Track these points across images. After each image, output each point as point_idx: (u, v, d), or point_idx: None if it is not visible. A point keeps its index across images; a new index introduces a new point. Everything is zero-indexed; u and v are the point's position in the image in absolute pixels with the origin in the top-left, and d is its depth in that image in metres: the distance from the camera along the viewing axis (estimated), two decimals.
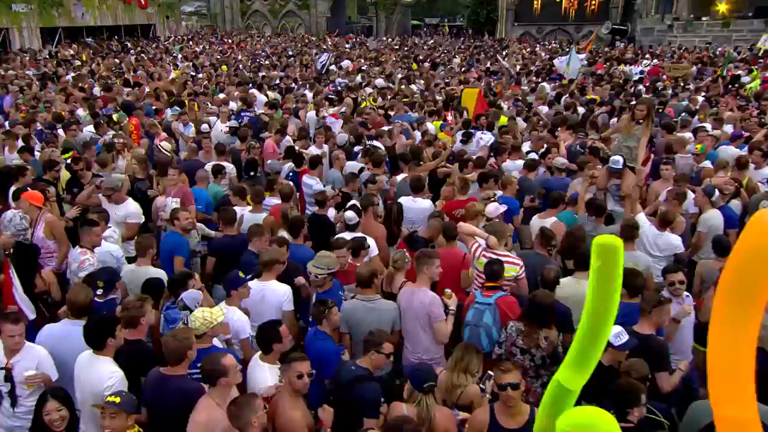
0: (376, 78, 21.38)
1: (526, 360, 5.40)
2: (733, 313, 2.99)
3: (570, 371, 3.76)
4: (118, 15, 36.20)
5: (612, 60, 29.52)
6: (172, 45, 33.27)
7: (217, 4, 50.03)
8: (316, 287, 5.71)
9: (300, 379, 4.26)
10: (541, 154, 10.95)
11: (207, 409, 4.06)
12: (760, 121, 13.55)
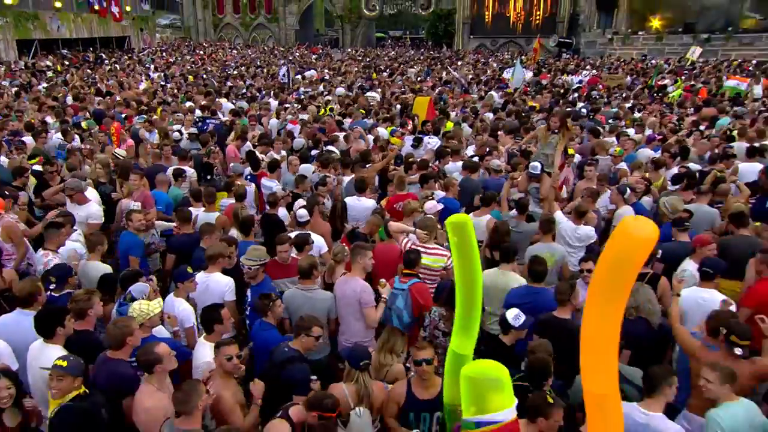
0: (337, 87, 21.35)
1: (447, 341, 5.56)
2: (601, 303, 3.28)
3: (459, 339, 4.06)
4: (93, 27, 35.67)
5: (556, 70, 29.85)
6: (146, 56, 32.84)
7: (191, 17, 49.53)
8: (250, 279, 5.78)
9: (229, 361, 4.36)
10: (480, 156, 11.22)
11: (150, 395, 4.15)
12: (676, 126, 13.97)
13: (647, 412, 4.30)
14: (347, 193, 9.11)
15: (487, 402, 2.74)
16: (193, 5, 49.10)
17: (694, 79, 24.45)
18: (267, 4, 49.23)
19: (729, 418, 4.21)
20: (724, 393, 4.32)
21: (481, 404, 2.74)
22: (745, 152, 10.98)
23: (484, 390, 2.79)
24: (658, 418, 4.23)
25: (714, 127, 14.14)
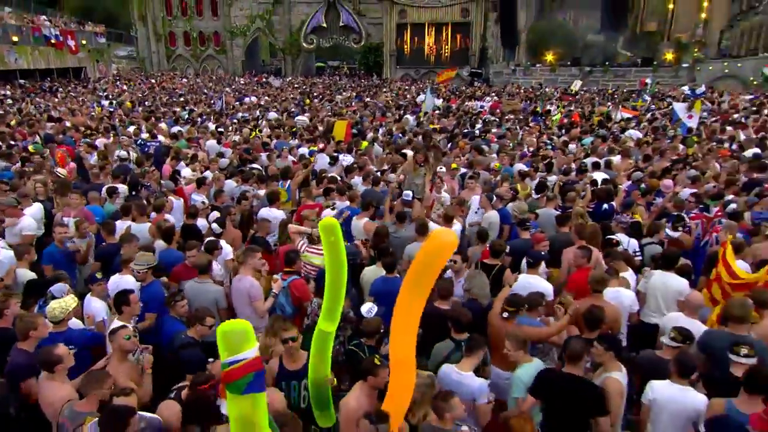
0: (270, 112, 21.29)
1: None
2: (410, 292, 3.78)
3: (325, 321, 4.45)
4: (50, 59, 34.63)
5: (465, 97, 30.29)
6: (100, 85, 31.97)
7: (146, 49, 48.44)
8: (140, 281, 5.85)
9: (127, 341, 4.59)
10: (383, 171, 11.59)
11: (53, 391, 4.24)
12: (548, 145, 14.76)
13: (460, 372, 4.70)
14: (263, 205, 9.23)
15: (235, 347, 3.08)
16: (147, 39, 48.03)
17: (574, 105, 25.34)
18: (215, 38, 48.59)
19: (525, 374, 4.69)
20: (521, 356, 4.79)
21: (232, 349, 3.07)
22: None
23: (234, 339, 3.10)
24: (468, 377, 4.64)
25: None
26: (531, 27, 43.87)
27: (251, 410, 3.25)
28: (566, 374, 4.54)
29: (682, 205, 9.24)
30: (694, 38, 39.06)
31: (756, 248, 7.21)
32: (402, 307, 4.09)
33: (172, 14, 47.97)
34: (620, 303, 6.14)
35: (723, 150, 13.70)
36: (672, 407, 4.45)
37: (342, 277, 4.42)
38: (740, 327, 5.12)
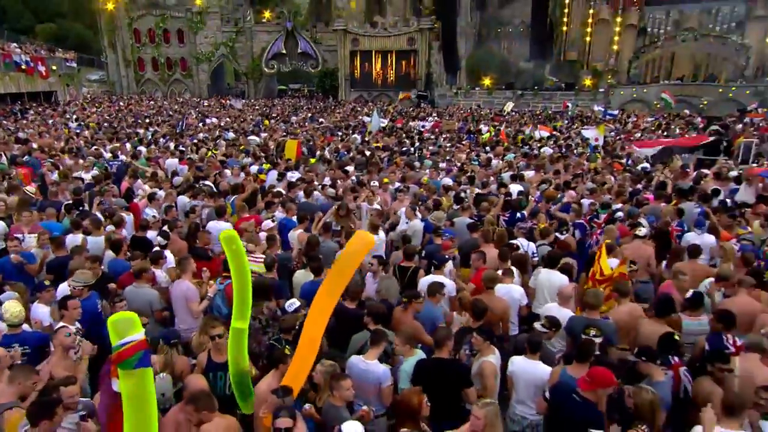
0: (228, 132, 21.19)
1: (256, 323, 6.16)
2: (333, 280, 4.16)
3: (237, 320, 4.70)
4: (21, 84, 33.61)
5: (409, 117, 30.69)
6: (70, 108, 30.92)
7: (115, 73, 47.38)
8: (76, 296, 5.77)
9: (67, 338, 4.77)
10: (323, 186, 11.85)
11: None
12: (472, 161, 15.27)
13: (366, 361, 4.91)
14: (211, 218, 9.29)
15: (124, 332, 3.43)
16: (117, 64, 47.07)
17: (504, 125, 25.69)
18: (182, 63, 47.98)
19: (408, 366, 4.96)
20: (406, 350, 5.07)
21: (122, 334, 3.42)
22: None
23: (122, 326, 3.46)
24: (373, 365, 4.85)
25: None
26: (470, 55, 44.76)
27: (141, 382, 3.55)
28: (435, 359, 4.92)
29: (580, 212, 9.88)
30: (608, 67, 40.37)
31: (624, 248, 7.82)
32: (322, 292, 4.52)
33: (141, 42, 47.11)
34: (511, 297, 6.58)
35: (617, 164, 14.49)
36: (525, 377, 4.92)
37: (246, 281, 4.67)
38: (593, 312, 5.63)
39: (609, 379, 4.25)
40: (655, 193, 11.23)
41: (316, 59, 47.75)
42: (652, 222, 9.17)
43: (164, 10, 47.33)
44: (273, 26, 47.83)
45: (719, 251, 7.92)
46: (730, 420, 4.02)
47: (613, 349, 5.51)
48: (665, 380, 4.76)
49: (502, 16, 46.54)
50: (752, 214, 9.38)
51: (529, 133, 20.28)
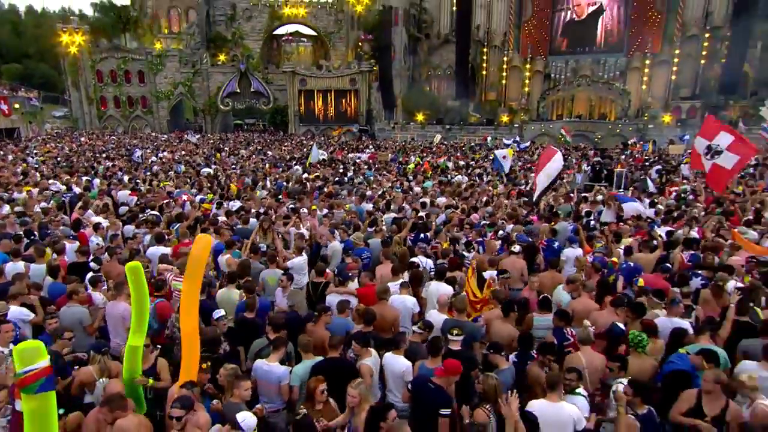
0: (180, 164, 20.96)
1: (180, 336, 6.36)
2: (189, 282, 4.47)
3: (133, 338, 4.86)
4: None
5: (349, 149, 30.92)
6: (31, 144, 29.78)
7: (79, 110, 45.76)
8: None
9: None
10: (258, 213, 12.03)
11: None
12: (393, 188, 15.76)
13: (268, 363, 5.20)
14: (150, 245, 9.32)
15: (30, 360, 3.54)
16: (80, 102, 45.56)
17: (431, 156, 26.41)
18: (143, 101, 47.04)
19: (301, 369, 5.28)
20: (306, 355, 5.42)
21: (26, 362, 3.52)
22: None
23: (28, 354, 3.56)
24: (275, 366, 5.17)
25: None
26: (405, 94, 45.81)
27: (43, 404, 3.64)
28: (329, 359, 5.30)
29: (480, 232, 10.55)
30: (521, 105, 42.23)
31: (503, 262, 8.50)
32: (185, 293, 4.84)
33: (103, 81, 45.92)
34: (404, 306, 7.07)
35: (513, 191, 15.36)
36: (391, 370, 5.35)
37: (145, 307, 4.85)
38: (461, 315, 6.20)
39: (458, 369, 4.77)
40: (539, 215, 12.09)
41: (268, 97, 47.84)
42: (523, 240, 9.79)
43: (125, 53, 46.43)
44: (228, 68, 47.71)
45: (577, 262, 8.72)
46: (552, 393, 4.62)
47: (477, 344, 6.06)
48: (507, 368, 5.34)
49: (431, 61, 47.95)
50: (608, 232, 10.29)
51: (444, 163, 21.08)
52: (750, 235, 9.96)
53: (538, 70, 43.06)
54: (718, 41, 38.69)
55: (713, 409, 4.47)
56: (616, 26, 42.09)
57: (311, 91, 46.77)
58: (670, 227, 10.84)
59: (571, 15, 42.81)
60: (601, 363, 5.49)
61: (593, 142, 36.38)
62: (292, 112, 47.20)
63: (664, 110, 38.85)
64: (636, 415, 4.50)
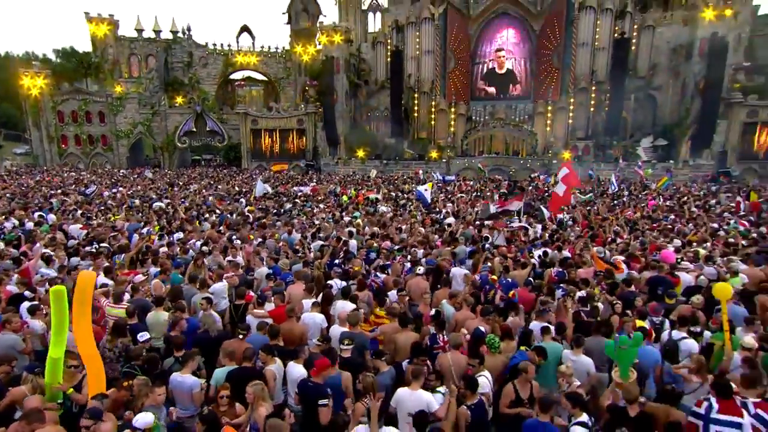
0: (134, 198, 20.64)
1: (111, 354, 6.40)
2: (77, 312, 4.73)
3: (53, 350, 5.03)
4: None
5: (294, 183, 30.89)
6: None
7: (39, 147, 43.58)
8: None
9: None
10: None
11: None
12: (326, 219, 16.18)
13: (182, 375, 5.42)
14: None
15: None
16: (41, 141, 43.54)
17: (365, 188, 26.76)
18: (103, 139, 45.47)
19: (219, 373, 5.59)
20: (225, 362, 5.78)
21: None
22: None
23: None
24: (187, 377, 5.41)
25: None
26: (347, 133, 46.55)
27: None
28: (240, 368, 5.67)
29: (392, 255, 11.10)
30: (448, 143, 43.87)
31: (409, 283, 9.07)
32: (75, 324, 5.07)
33: (64, 121, 44.23)
34: (314, 322, 7.48)
35: (427, 219, 16.14)
36: (291, 377, 5.75)
37: (64, 326, 5.05)
38: (354, 328, 6.68)
39: (326, 366, 5.23)
40: (443, 240, 12.86)
41: (222, 135, 47.43)
42: (432, 264, 10.47)
43: (86, 96, 45.02)
44: (185, 109, 47.12)
45: (465, 278, 9.43)
46: (415, 382, 5.18)
47: (367, 353, 6.53)
48: (387, 371, 5.86)
49: (370, 103, 49.16)
50: (497, 253, 11.15)
51: (374, 196, 21.79)
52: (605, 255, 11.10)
53: (461, 113, 44.99)
54: (602, 93, 42.02)
55: (525, 392, 5.14)
56: (524, 78, 44.88)
57: (262, 130, 46.78)
58: (547, 249, 11.80)
59: (488, 67, 45.31)
60: (464, 361, 6.10)
61: (508, 174, 38.26)
62: (244, 149, 46.93)
63: (564, 148, 41.36)
64: (468, 406, 5.09)
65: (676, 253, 11.42)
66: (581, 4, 41.13)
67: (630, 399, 4.97)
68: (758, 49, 43.81)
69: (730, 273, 9.77)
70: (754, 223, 15.91)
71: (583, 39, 41.65)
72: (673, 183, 31.70)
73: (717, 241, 13.21)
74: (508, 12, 43.55)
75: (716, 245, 12.60)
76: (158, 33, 49.86)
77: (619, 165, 37.51)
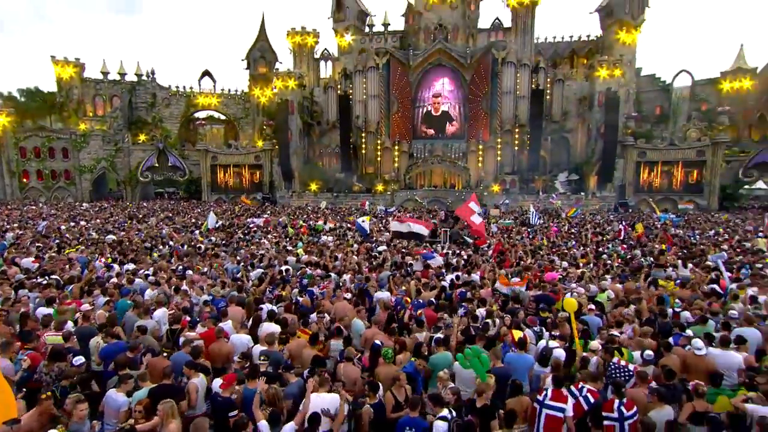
0: (91, 232, 20.13)
1: (48, 378, 6.58)
2: None
3: None
4: None
5: (248, 215, 30.46)
6: None
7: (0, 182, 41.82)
8: None
9: None
10: (146, 275, 12.22)
11: None
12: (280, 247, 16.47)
13: (117, 393, 5.60)
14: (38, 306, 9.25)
15: None
16: (1, 175, 41.51)
17: (312, 220, 27.04)
18: (66, 174, 43.93)
19: (141, 394, 5.92)
20: (145, 383, 6.07)
21: None
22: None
23: None
24: (119, 396, 5.59)
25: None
26: (301, 168, 46.96)
27: None
28: (162, 385, 5.95)
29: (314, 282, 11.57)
30: (392, 177, 45.06)
31: (335, 306, 9.57)
32: None
33: (26, 157, 42.46)
34: (241, 342, 7.73)
35: (362, 247, 16.77)
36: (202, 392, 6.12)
37: None
38: (271, 347, 7.14)
39: (232, 381, 5.68)
40: (370, 266, 13.49)
41: (184, 170, 46.81)
42: (358, 287, 10.92)
43: (50, 133, 43.45)
44: (148, 146, 46.34)
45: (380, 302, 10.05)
46: (321, 388, 5.64)
47: (282, 368, 6.98)
48: (295, 382, 6.34)
49: (322, 141, 49.99)
50: (414, 277, 11.89)
51: (320, 225, 22.22)
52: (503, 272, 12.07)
53: (404, 150, 46.61)
54: (524, 134, 44.98)
55: (401, 396, 5.80)
56: (459, 120, 47.26)
57: (222, 165, 46.59)
58: (458, 272, 12.62)
59: (427, 110, 47.44)
60: (356, 373, 6.66)
61: (446, 205, 39.78)
62: (204, 183, 46.53)
63: (494, 182, 43.60)
64: (371, 405, 5.69)
65: (564, 273, 12.57)
66: (503, 59, 44.24)
67: (479, 393, 5.76)
68: (643, 103, 48.61)
69: (600, 290, 10.94)
70: (631, 247, 17.62)
71: (506, 88, 44.66)
72: (582, 212, 34.12)
73: (599, 263, 14.58)
74: (442, 63, 46.10)
75: (598, 266, 13.93)
76: (123, 75, 49.18)
77: (540, 196, 39.95)
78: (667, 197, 40.16)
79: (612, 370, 6.71)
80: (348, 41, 49.12)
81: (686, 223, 27.64)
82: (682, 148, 39.94)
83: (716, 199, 39.13)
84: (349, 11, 49.14)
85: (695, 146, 39.73)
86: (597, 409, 5.63)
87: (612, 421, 5.44)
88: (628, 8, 44.94)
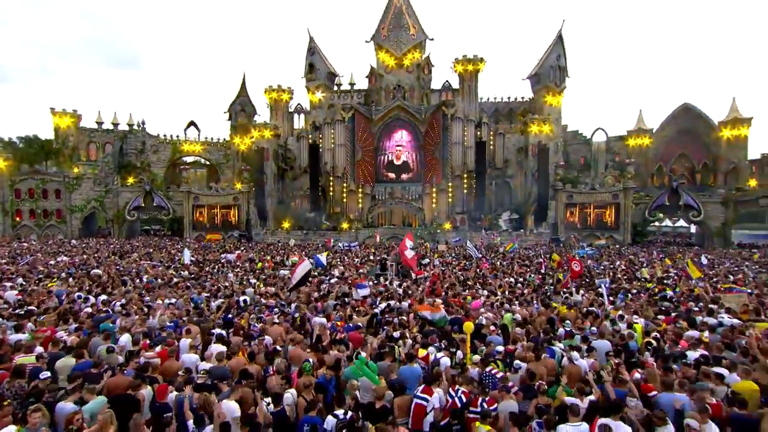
0: (73, 267, 19.98)
1: (9, 393, 7.03)
2: None
3: None
4: None
5: (222, 251, 30.26)
6: None
7: None
8: None
9: None
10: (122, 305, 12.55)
11: None
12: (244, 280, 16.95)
13: (65, 403, 6.20)
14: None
15: None
16: None
17: (283, 256, 27.50)
18: (57, 213, 43.21)
19: (93, 406, 6.50)
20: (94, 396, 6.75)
21: None
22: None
23: None
24: (67, 406, 6.06)
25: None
26: (275, 208, 47.44)
27: None
28: (117, 395, 6.58)
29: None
30: (356, 216, 46.05)
31: (269, 329, 10.30)
32: None
33: (21, 197, 41.64)
34: (190, 360, 8.48)
35: (314, 280, 17.47)
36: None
37: None
38: (220, 363, 7.84)
39: (165, 389, 6.36)
40: (316, 297, 14.20)
41: (168, 210, 46.64)
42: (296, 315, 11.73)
43: (45, 176, 42.92)
44: (135, 188, 46.20)
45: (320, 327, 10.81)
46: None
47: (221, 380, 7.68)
48: (226, 391, 7.06)
49: (294, 184, 50.96)
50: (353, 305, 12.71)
51: (292, 260, 22.77)
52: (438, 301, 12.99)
53: (367, 192, 48.05)
54: (472, 179, 47.38)
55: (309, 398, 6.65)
56: (415, 166, 49.36)
57: (204, 205, 46.71)
58: (390, 301, 13.46)
59: (388, 159, 49.41)
60: (279, 382, 7.42)
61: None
62: (186, 222, 46.35)
63: (446, 220, 45.32)
64: (272, 412, 6.45)
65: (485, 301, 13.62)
66: (452, 115, 47.13)
67: (377, 397, 6.65)
68: (570, 153, 52.37)
69: (507, 313, 12.02)
70: (543, 276, 19.05)
71: (456, 140, 47.30)
72: (518, 247, 35.86)
73: (514, 291, 15.78)
74: (401, 117, 48.57)
75: (514, 293, 15.10)
76: (116, 125, 49.48)
77: (482, 233, 41.75)
78: (591, 233, 42.72)
79: (485, 377, 7.76)
80: (318, 97, 51.21)
81: (600, 255, 29.65)
82: (600, 192, 42.99)
83: (629, 235, 41.96)
84: (319, 72, 51.50)
85: (611, 191, 42.87)
86: (466, 405, 6.65)
87: (476, 414, 6.43)
88: (551, 77, 49.11)
